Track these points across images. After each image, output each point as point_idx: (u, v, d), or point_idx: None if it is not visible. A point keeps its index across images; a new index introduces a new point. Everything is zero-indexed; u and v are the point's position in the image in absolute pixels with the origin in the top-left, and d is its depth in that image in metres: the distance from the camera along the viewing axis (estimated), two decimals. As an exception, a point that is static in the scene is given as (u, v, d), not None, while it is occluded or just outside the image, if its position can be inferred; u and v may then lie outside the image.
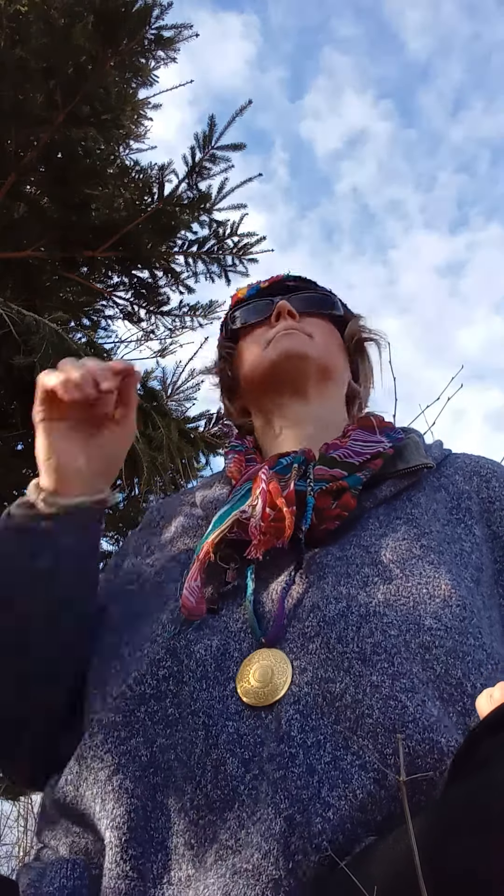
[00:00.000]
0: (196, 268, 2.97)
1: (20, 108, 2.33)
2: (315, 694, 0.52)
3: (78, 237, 2.63)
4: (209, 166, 2.68)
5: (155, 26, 2.50)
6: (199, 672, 0.56)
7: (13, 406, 2.42)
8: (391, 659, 0.52)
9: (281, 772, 0.48)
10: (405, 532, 0.64)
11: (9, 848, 3.98)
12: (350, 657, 0.53)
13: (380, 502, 0.68)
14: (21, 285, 2.58)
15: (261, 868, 0.45)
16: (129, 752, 0.54)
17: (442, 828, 0.38)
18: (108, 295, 3.03)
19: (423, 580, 0.58)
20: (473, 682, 0.52)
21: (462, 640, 0.54)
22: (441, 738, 0.48)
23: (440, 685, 0.52)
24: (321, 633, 0.55)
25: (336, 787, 0.47)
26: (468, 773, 0.41)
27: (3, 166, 2.43)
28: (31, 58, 2.27)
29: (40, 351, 1.92)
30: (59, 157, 2.54)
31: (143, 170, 2.79)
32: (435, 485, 0.71)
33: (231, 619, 0.60)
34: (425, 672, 0.52)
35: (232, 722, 0.52)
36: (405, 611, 0.56)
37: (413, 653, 0.53)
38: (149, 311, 3.09)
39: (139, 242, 2.74)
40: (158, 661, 0.58)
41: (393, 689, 0.51)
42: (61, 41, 2.24)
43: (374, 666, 0.52)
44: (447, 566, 0.60)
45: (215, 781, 0.50)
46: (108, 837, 0.52)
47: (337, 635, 0.54)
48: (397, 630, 0.54)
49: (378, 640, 0.53)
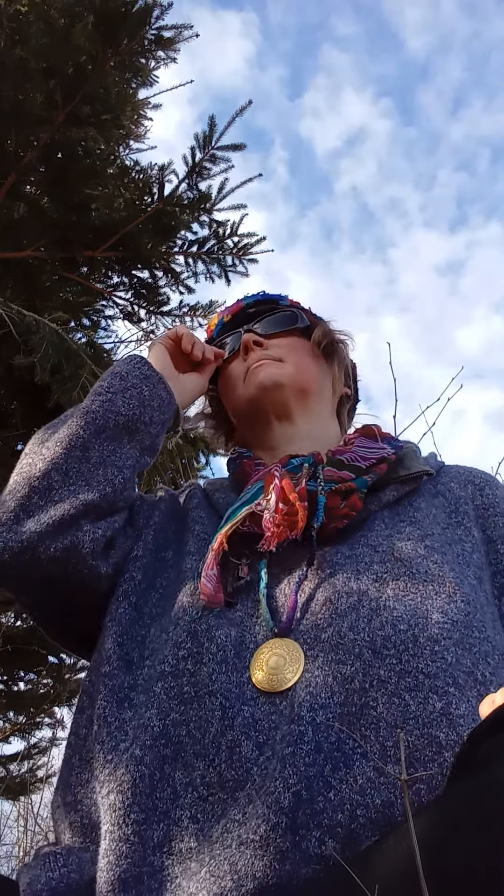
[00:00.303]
0: (196, 268, 2.97)
1: (20, 108, 2.34)
2: (325, 674, 0.54)
3: (78, 237, 2.63)
4: (209, 166, 2.68)
5: (155, 26, 2.50)
6: (220, 656, 0.59)
7: (13, 406, 2.42)
8: (399, 655, 0.54)
9: (290, 748, 0.50)
10: (410, 533, 0.67)
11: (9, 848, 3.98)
12: (361, 645, 0.55)
13: (384, 505, 0.72)
14: (21, 285, 2.58)
15: (269, 839, 0.46)
16: (143, 723, 0.57)
17: (444, 826, 0.38)
18: (108, 295, 3.03)
19: (428, 577, 0.61)
20: (483, 671, 0.54)
21: (468, 632, 0.57)
22: (440, 733, 0.50)
23: (452, 673, 0.53)
24: (333, 624, 0.57)
25: (338, 769, 0.49)
26: (469, 772, 0.41)
27: (3, 166, 2.43)
28: (31, 58, 2.27)
29: (40, 351, 1.93)
30: (59, 157, 2.54)
31: (143, 170, 2.80)
32: (432, 492, 0.75)
33: (246, 613, 0.63)
34: (434, 664, 0.54)
35: (248, 707, 0.55)
36: (413, 605, 0.58)
37: (421, 647, 0.55)
38: (149, 311, 3.09)
39: (139, 242, 2.74)
40: (180, 642, 0.61)
41: (398, 687, 0.52)
42: (61, 41, 2.24)
43: (384, 660, 0.54)
44: (450, 565, 0.63)
45: (230, 762, 0.52)
46: (111, 800, 0.53)
47: (349, 625, 0.57)
48: (406, 624, 0.56)
49: (388, 634, 0.55)
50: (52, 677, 3.26)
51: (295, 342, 0.86)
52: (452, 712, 0.51)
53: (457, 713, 0.51)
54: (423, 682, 0.52)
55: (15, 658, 3.08)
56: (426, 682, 0.52)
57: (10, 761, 3.28)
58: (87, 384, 1.98)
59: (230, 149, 2.68)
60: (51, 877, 0.54)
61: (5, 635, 2.83)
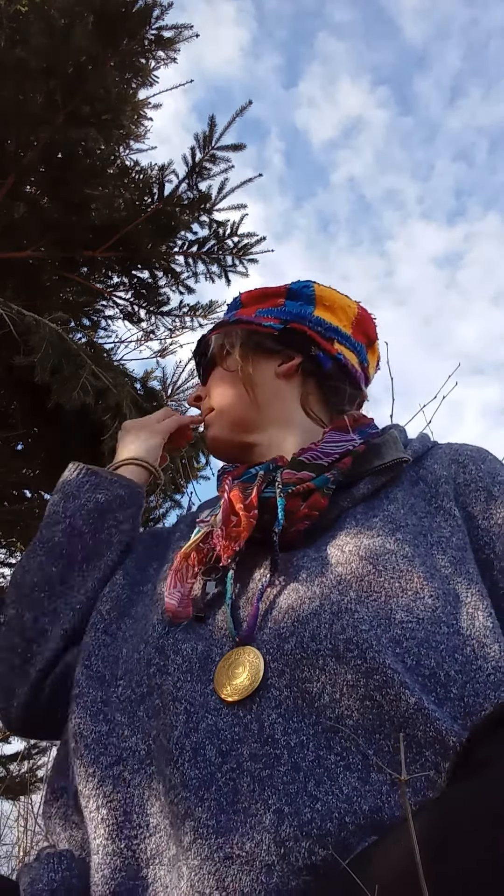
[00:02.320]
0: (196, 268, 2.97)
1: (20, 108, 2.33)
2: (295, 696, 0.53)
3: (78, 237, 2.63)
4: (209, 166, 2.68)
5: (155, 26, 2.50)
6: (185, 667, 0.59)
7: (13, 406, 2.42)
8: (363, 654, 0.52)
9: (267, 771, 0.49)
10: (380, 528, 0.64)
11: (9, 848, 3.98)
12: (324, 654, 0.53)
13: (358, 501, 0.69)
14: (21, 285, 2.58)
15: (254, 855, 0.46)
16: (130, 747, 0.57)
17: (443, 827, 0.38)
18: (108, 295, 3.03)
19: (395, 574, 0.59)
20: (447, 670, 0.52)
21: (434, 629, 0.55)
22: (418, 731, 0.48)
23: (412, 676, 0.52)
24: (296, 633, 0.56)
25: (322, 782, 0.48)
26: (469, 772, 0.41)
27: (3, 166, 2.43)
28: (31, 58, 2.26)
29: (40, 351, 1.92)
30: (59, 157, 2.54)
31: (143, 170, 2.79)
32: (414, 478, 0.72)
33: (215, 626, 0.62)
34: (397, 665, 0.52)
35: (211, 715, 0.54)
36: (376, 606, 0.56)
37: (384, 646, 0.53)
38: (149, 311, 3.09)
39: (139, 242, 2.74)
40: (150, 660, 0.61)
41: (368, 688, 0.51)
42: (61, 41, 2.24)
43: (349, 663, 0.52)
44: (422, 558, 0.61)
45: (193, 762, 0.52)
46: (102, 815, 0.54)
47: (310, 634, 0.55)
48: (368, 625, 0.54)
49: (350, 636, 0.53)
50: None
51: (215, 376, 0.87)
52: (427, 707, 0.49)
53: (430, 709, 0.49)
54: (392, 678, 0.50)
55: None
56: (396, 678, 0.50)
57: (10, 761, 3.28)
58: (87, 384, 1.98)
59: (230, 149, 2.67)
60: (52, 878, 0.54)
61: (5, 635, 2.82)
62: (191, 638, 0.62)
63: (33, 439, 2.54)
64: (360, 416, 0.78)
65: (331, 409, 0.85)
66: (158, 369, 3.00)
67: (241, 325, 0.85)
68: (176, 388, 2.88)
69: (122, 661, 0.65)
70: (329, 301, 0.86)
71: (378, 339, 0.91)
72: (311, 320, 0.84)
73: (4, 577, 3.28)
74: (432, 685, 0.52)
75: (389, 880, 0.38)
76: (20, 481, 2.69)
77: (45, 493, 2.87)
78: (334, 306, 0.86)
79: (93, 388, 1.99)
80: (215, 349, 0.88)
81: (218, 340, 0.88)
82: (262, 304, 0.87)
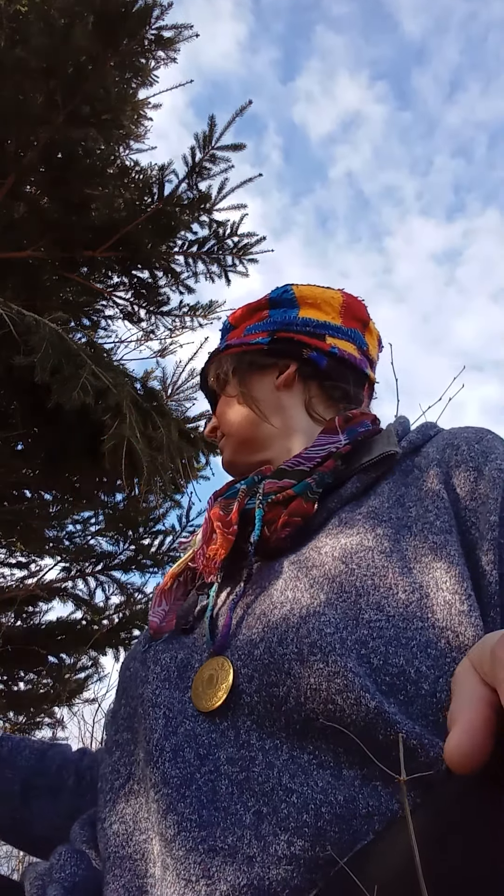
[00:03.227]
0: (196, 268, 2.97)
1: (20, 108, 2.34)
2: (264, 700, 0.53)
3: (78, 237, 2.64)
4: (209, 166, 2.68)
5: (155, 26, 2.50)
6: (163, 675, 0.61)
7: (13, 406, 2.42)
8: (326, 658, 0.51)
9: (244, 773, 0.51)
10: (361, 525, 0.63)
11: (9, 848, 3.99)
12: (289, 658, 0.53)
13: (346, 500, 0.68)
14: (21, 285, 2.58)
15: (236, 848, 0.48)
16: (136, 760, 0.60)
17: (442, 826, 0.38)
18: (108, 295, 3.03)
19: (368, 571, 0.57)
20: (418, 666, 0.51)
21: (406, 625, 0.53)
22: (378, 734, 0.48)
23: (378, 677, 0.51)
24: (265, 638, 0.56)
25: (296, 776, 0.49)
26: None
27: (3, 166, 2.43)
28: (31, 58, 2.26)
29: (40, 351, 1.92)
30: (59, 157, 2.54)
31: (143, 170, 2.80)
32: (409, 468, 0.69)
33: (199, 636, 0.64)
34: (361, 667, 0.51)
35: (189, 721, 0.56)
36: (345, 607, 0.55)
37: (349, 649, 0.52)
38: (149, 311, 3.09)
39: (139, 242, 2.74)
40: (135, 673, 0.64)
41: (329, 692, 0.50)
42: (61, 41, 2.24)
43: (311, 667, 0.52)
44: (401, 552, 0.59)
45: (174, 762, 0.53)
46: (114, 829, 0.57)
47: (278, 638, 0.55)
48: (333, 627, 0.53)
49: (314, 640, 0.53)
50: (52, 677, 3.26)
51: (220, 405, 0.88)
52: (387, 711, 0.48)
53: (391, 712, 0.48)
54: (352, 682, 0.50)
55: (15, 658, 3.08)
56: (356, 682, 0.50)
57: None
58: (87, 384, 1.98)
59: (230, 149, 2.68)
60: (74, 872, 0.56)
61: (5, 635, 2.83)
62: (172, 648, 0.64)
63: (33, 439, 2.54)
64: (355, 415, 0.76)
65: (337, 405, 0.83)
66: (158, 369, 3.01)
67: (231, 350, 0.86)
68: (176, 387, 2.88)
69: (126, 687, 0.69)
70: (312, 298, 0.85)
71: (371, 320, 0.90)
72: (297, 323, 0.83)
73: (4, 577, 3.29)
74: (401, 683, 0.51)
75: (389, 879, 0.38)
76: (20, 481, 2.69)
77: (45, 493, 2.87)
78: (318, 302, 0.85)
79: (93, 388, 1.99)
80: (213, 380, 0.89)
81: (213, 372, 0.89)
82: (250, 321, 0.87)
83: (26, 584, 3.18)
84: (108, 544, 3.29)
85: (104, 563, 3.27)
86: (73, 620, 3.29)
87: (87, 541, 3.25)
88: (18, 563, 3.25)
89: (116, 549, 3.29)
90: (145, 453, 2.16)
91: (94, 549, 3.27)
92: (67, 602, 3.26)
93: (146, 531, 3.31)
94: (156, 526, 3.29)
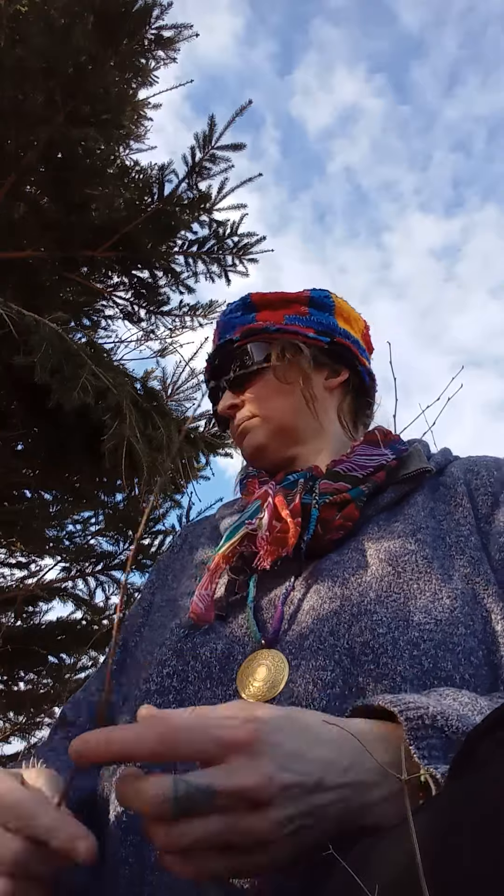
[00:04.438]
0: (196, 268, 2.97)
1: (20, 108, 2.33)
2: (306, 682, 0.54)
3: (78, 237, 2.63)
4: (209, 166, 2.68)
5: (155, 26, 2.50)
6: (204, 673, 0.60)
7: (13, 406, 2.42)
8: (377, 659, 0.53)
9: None
10: (401, 531, 0.66)
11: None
12: (340, 651, 0.55)
13: (382, 509, 0.71)
14: (21, 285, 2.58)
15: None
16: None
17: (444, 825, 0.38)
18: (108, 295, 3.03)
19: (414, 576, 0.60)
20: (462, 673, 0.53)
21: (452, 630, 0.55)
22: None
23: (427, 680, 0.53)
24: (314, 630, 0.58)
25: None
26: (469, 770, 0.41)
27: (3, 166, 2.43)
28: (31, 58, 2.26)
29: (40, 351, 1.92)
30: (59, 157, 2.54)
31: (143, 170, 2.79)
32: (434, 486, 0.74)
33: (236, 626, 0.64)
34: (412, 669, 0.53)
35: None
36: (395, 607, 0.57)
37: (401, 650, 0.54)
38: (149, 311, 3.09)
39: (139, 242, 2.74)
40: (165, 661, 0.62)
41: (375, 692, 0.52)
42: (61, 41, 2.24)
43: (362, 666, 0.53)
44: (440, 560, 0.62)
45: None
46: (110, 824, 0.55)
47: (329, 630, 0.57)
48: (386, 627, 0.55)
49: (367, 640, 0.55)
50: (52, 677, 3.26)
51: (259, 386, 0.82)
52: None
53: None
54: (400, 686, 0.51)
55: (15, 658, 3.08)
56: (404, 687, 0.51)
57: (10, 761, 3.28)
58: (87, 384, 1.98)
59: (230, 148, 2.68)
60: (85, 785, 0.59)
61: (5, 635, 2.83)
62: (210, 640, 0.63)
63: (33, 439, 2.54)
64: (388, 432, 0.80)
65: (357, 420, 0.88)
66: (158, 369, 3.00)
67: (289, 336, 0.82)
68: (176, 387, 2.88)
69: (136, 665, 0.67)
70: (346, 313, 0.87)
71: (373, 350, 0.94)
72: (342, 334, 0.85)
73: (4, 577, 3.29)
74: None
75: (390, 879, 0.38)
76: (20, 481, 2.69)
77: (45, 493, 2.87)
78: (349, 319, 0.87)
79: (93, 388, 1.99)
80: (273, 357, 0.82)
81: (273, 349, 0.83)
82: (287, 311, 0.84)
83: (26, 584, 3.18)
84: (108, 544, 3.29)
85: (104, 563, 3.27)
86: (73, 620, 3.29)
87: (87, 541, 3.25)
88: (18, 563, 3.25)
89: (116, 549, 3.29)
90: (145, 453, 2.16)
91: (94, 549, 3.27)
92: (67, 602, 3.26)
93: (146, 531, 3.31)
94: (156, 526, 3.29)
